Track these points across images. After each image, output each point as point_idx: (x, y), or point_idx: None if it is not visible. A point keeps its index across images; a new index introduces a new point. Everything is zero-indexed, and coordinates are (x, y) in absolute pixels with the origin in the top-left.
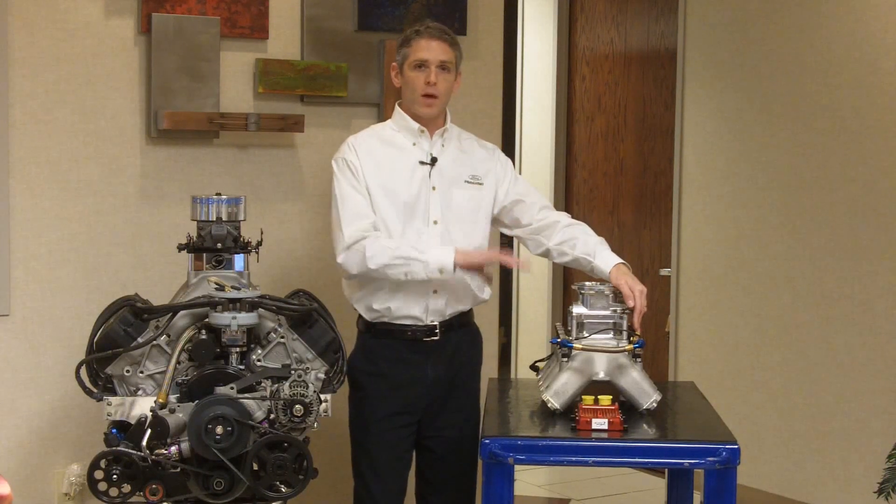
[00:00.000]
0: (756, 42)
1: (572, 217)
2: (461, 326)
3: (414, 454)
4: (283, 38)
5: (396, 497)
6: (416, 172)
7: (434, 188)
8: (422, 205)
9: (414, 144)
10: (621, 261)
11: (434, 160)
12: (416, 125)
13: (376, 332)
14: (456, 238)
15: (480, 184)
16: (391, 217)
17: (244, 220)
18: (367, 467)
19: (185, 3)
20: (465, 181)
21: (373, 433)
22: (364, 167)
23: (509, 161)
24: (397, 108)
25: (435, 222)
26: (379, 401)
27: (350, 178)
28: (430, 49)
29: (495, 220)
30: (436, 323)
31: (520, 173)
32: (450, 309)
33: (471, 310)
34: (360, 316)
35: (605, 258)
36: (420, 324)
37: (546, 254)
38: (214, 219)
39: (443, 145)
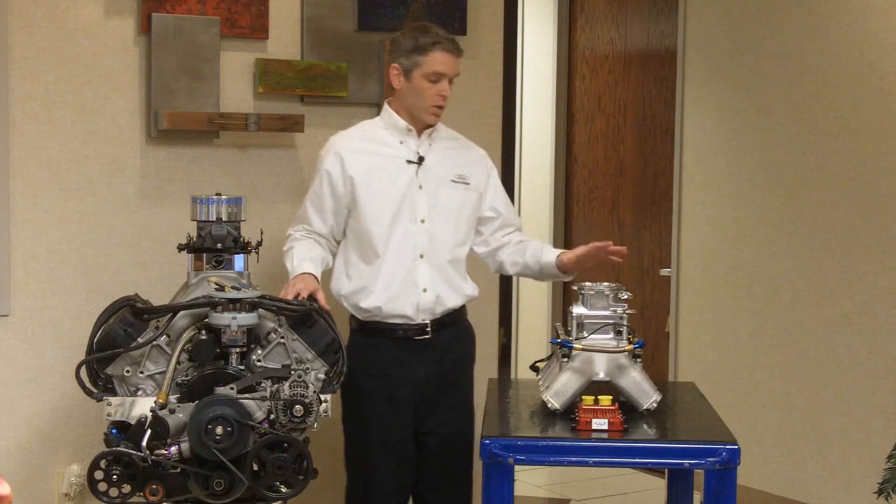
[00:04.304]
0: (756, 42)
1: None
2: (452, 324)
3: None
4: (283, 38)
5: (393, 495)
6: (402, 171)
7: (421, 187)
8: (409, 203)
9: (401, 143)
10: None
11: (421, 159)
12: (403, 124)
13: (368, 331)
14: (442, 237)
15: (467, 184)
16: (379, 216)
17: (244, 220)
18: (359, 462)
19: (185, 3)
20: (452, 180)
21: (363, 430)
22: (347, 171)
23: (494, 169)
24: (386, 106)
25: (422, 221)
26: (369, 398)
27: (322, 182)
28: (448, 64)
29: None
30: (427, 321)
31: (519, 173)
32: (440, 307)
33: (463, 307)
34: (351, 314)
35: (551, 250)
36: (411, 323)
37: (500, 268)
38: (214, 219)
39: (430, 144)
